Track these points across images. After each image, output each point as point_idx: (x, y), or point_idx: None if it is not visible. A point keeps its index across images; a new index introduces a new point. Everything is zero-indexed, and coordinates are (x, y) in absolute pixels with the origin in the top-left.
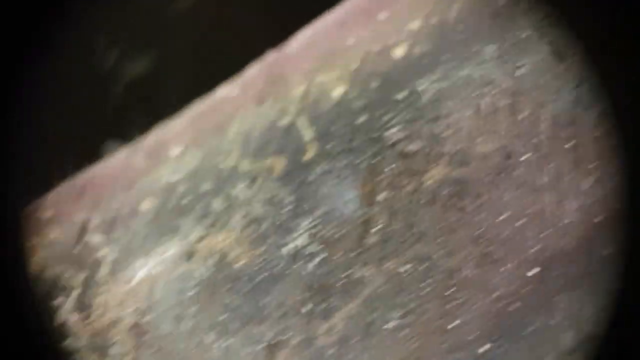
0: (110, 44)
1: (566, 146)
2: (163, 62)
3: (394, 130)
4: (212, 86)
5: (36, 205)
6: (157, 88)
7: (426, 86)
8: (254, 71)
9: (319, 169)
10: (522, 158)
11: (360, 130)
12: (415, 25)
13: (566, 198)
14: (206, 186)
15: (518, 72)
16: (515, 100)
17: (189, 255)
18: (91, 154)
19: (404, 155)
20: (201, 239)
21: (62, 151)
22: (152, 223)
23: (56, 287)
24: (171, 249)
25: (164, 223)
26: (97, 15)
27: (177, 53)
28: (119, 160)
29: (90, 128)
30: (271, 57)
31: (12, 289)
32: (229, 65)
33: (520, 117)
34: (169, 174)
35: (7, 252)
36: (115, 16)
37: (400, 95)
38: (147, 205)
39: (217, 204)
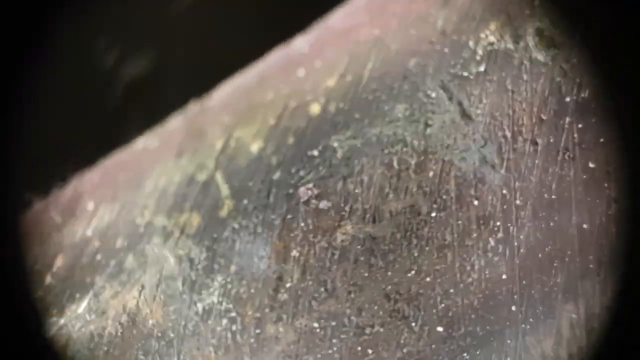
0: (110, 44)
1: (473, 204)
2: (163, 62)
3: (308, 186)
4: (211, 86)
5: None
6: (157, 88)
7: (340, 143)
8: (174, 123)
9: (234, 225)
10: (430, 215)
11: (276, 187)
12: (331, 82)
13: (472, 255)
14: (120, 242)
15: (427, 132)
16: (424, 158)
17: (102, 312)
18: (90, 155)
19: (317, 212)
20: (114, 296)
21: (62, 151)
22: (65, 279)
23: None
24: (84, 306)
25: (78, 279)
26: (97, 15)
27: (177, 53)
28: (34, 214)
29: (90, 128)
30: (192, 110)
31: (12, 289)
32: (229, 65)
33: (429, 174)
34: (83, 228)
35: (7, 252)
36: (115, 16)
37: (314, 152)
38: (60, 260)
39: (131, 261)
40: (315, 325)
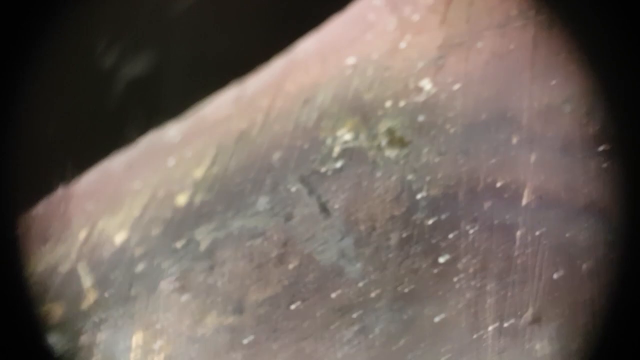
0: (110, 44)
1: (332, 296)
2: (163, 62)
3: (171, 278)
4: (211, 86)
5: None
6: (157, 88)
7: (204, 235)
8: (39, 209)
9: (96, 318)
10: (292, 307)
11: (139, 279)
12: (199, 173)
13: (330, 347)
14: None
15: (288, 225)
16: (284, 251)
17: None
18: (90, 155)
19: (181, 304)
20: None
21: (62, 152)
22: None
23: None
24: None
25: None
26: (97, 15)
27: (177, 53)
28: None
29: (90, 128)
30: (58, 196)
31: (9, 294)
32: (229, 65)
33: (290, 267)
34: None
35: (5, 254)
36: (115, 16)
37: (179, 244)
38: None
39: None
40: None
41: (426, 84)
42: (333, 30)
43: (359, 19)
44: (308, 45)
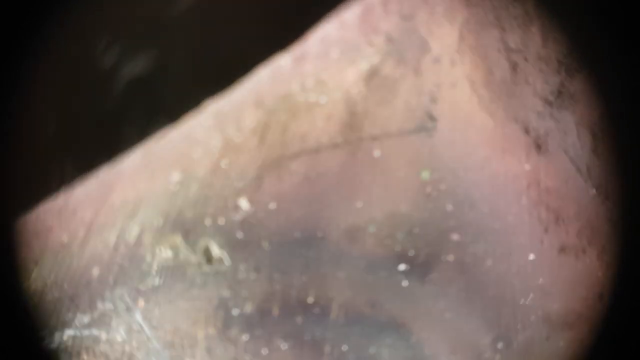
0: (110, 44)
1: None
2: (163, 62)
3: None
4: (211, 86)
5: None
6: (157, 88)
7: None
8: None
9: None
10: None
11: None
12: None
13: None
14: None
15: (108, 339)
16: None
17: None
18: (90, 156)
19: None
20: None
21: (61, 152)
22: None
23: None
24: None
25: None
26: (97, 15)
27: (177, 53)
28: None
29: (90, 128)
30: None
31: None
32: (229, 65)
33: None
34: None
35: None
36: (115, 16)
37: None
38: None
39: None
40: None
41: (244, 203)
42: (162, 145)
43: (188, 136)
44: (136, 158)
